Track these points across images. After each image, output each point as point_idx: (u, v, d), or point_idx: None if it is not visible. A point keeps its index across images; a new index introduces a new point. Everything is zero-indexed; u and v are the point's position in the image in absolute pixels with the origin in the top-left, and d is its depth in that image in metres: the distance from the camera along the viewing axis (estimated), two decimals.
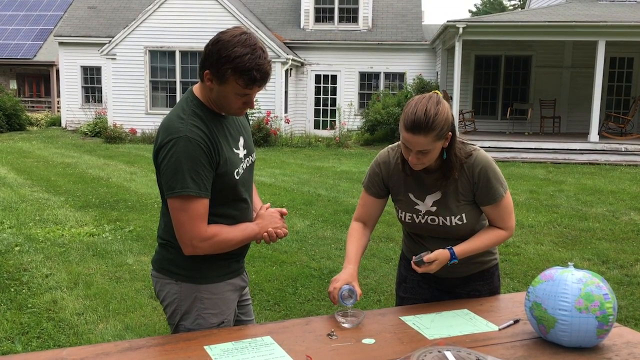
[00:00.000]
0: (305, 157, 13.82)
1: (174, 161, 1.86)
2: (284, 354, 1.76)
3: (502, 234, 2.23)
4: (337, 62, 19.00)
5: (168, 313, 2.08)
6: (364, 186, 2.34)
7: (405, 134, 2.03)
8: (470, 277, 2.35)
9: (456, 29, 13.70)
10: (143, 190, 9.13)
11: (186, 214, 1.89)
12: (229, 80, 1.87)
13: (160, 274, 2.08)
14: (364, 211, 2.34)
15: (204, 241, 1.93)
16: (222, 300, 2.06)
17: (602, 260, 5.69)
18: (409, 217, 2.26)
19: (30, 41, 25.65)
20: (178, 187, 1.87)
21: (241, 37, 1.86)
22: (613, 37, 13.70)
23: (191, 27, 16.41)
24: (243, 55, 1.83)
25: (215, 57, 1.86)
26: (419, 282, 2.39)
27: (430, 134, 1.99)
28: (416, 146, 2.02)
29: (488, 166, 2.16)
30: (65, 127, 20.31)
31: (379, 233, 6.44)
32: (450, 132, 2.07)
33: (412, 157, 2.07)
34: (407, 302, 2.42)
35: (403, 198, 2.26)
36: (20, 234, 6.44)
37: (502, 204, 2.18)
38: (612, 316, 1.79)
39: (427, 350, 1.73)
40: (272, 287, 4.82)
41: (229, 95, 1.92)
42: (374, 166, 2.31)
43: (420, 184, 2.22)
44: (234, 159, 2.01)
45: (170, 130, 1.90)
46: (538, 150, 13.71)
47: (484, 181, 2.15)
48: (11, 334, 3.88)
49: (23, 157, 13.13)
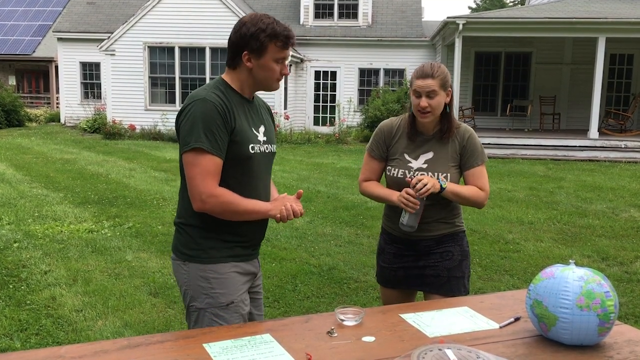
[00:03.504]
0: (305, 154, 13.81)
1: (191, 119, 2.02)
2: (284, 352, 1.75)
3: (481, 193, 2.56)
4: (337, 59, 18.97)
5: (182, 295, 2.19)
6: (368, 150, 2.70)
7: (416, 82, 2.47)
8: (442, 238, 2.60)
9: (456, 25, 13.67)
10: (142, 187, 9.11)
11: (198, 169, 2.01)
12: (268, 47, 2.06)
13: (175, 257, 2.19)
14: (369, 173, 2.70)
15: (212, 197, 2.01)
16: (229, 280, 2.12)
17: (601, 257, 5.69)
18: (401, 173, 2.56)
19: (29, 37, 25.61)
20: (192, 141, 2.00)
21: (261, 14, 2.11)
22: (613, 33, 13.67)
23: (190, 23, 16.37)
24: (270, 24, 2.07)
25: (249, 35, 2.05)
26: (395, 253, 2.67)
27: (437, 79, 2.44)
28: (426, 88, 2.44)
29: (474, 135, 2.61)
30: (65, 123, 20.28)
31: (378, 230, 6.35)
32: (450, 89, 2.51)
33: (423, 101, 2.45)
34: (386, 271, 2.70)
35: (399, 157, 2.59)
36: (19, 230, 6.43)
37: (481, 168, 2.58)
38: (613, 314, 1.78)
39: (428, 349, 1.72)
40: (272, 284, 4.81)
41: (269, 64, 2.09)
42: (377, 131, 2.68)
43: (418, 146, 2.57)
44: (249, 133, 2.12)
45: (192, 96, 2.07)
46: (538, 147, 13.70)
47: (471, 145, 2.56)
48: (10, 330, 3.87)
49: (22, 153, 13.11)
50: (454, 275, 2.60)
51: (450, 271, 2.60)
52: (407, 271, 2.63)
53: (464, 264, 2.64)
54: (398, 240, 2.65)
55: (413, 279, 2.63)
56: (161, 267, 5.19)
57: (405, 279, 2.65)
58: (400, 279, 2.67)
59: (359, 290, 4.72)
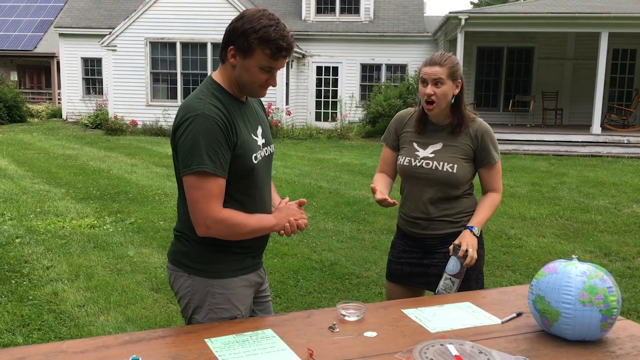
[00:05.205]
0: (307, 149, 13.80)
1: (191, 138, 1.85)
2: (285, 347, 1.75)
3: (496, 197, 2.57)
4: (339, 54, 18.93)
5: (182, 306, 2.07)
6: (383, 140, 2.74)
7: (424, 69, 2.45)
8: (447, 238, 2.54)
9: (458, 20, 13.64)
10: (144, 182, 9.12)
11: (201, 192, 1.86)
12: (255, 51, 1.88)
13: (175, 267, 2.07)
14: (383, 162, 2.73)
15: (218, 222, 1.89)
16: (235, 296, 2.03)
17: (604, 253, 5.68)
18: (407, 161, 2.56)
19: (31, 32, 25.58)
20: (194, 163, 1.85)
21: (265, 12, 1.91)
22: (616, 28, 13.63)
23: (192, 18, 16.35)
24: (268, 26, 1.86)
25: (241, 30, 1.87)
26: (403, 248, 2.67)
27: (444, 67, 2.41)
28: (432, 75, 2.41)
29: (490, 131, 2.54)
30: (66, 119, 20.28)
31: (380, 225, 6.43)
32: (460, 80, 2.46)
33: (429, 88, 2.42)
34: (393, 264, 2.70)
35: (407, 145, 2.60)
36: (21, 226, 6.43)
37: (496, 166, 2.55)
38: (616, 309, 1.77)
39: (430, 344, 1.72)
40: (273, 279, 4.81)
41: (253, 69, 1.91)
42: (391, 121, 2.71)
43: (428, 137, 2.56)
44: (251, 143, 1.99)
45: (188, 109, 1.89)
46: (540, 142, 13.67)
47: (485, 143, 2.51)
48: (12, 326, 3.87)
49: (24, 149, 13.12)
50: (467, 275, 2.49)
51: None
52: (412, 267, 2.62)
53: (477, 264, 2.52)
54: (407, 236, 2.64)
55: (417, 276, 2.61)
56: (163, 263, 5.20)
57: (409, 276, 2.64)
58: (405, 275, 2.65)
59: (360, 286, 4.72)
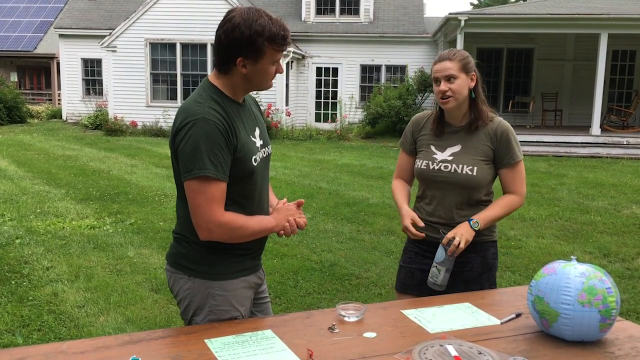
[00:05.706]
0: (306, 150, 13.80)
1: (192, 142, 1.85)
2: (285, 348, 1.75)
3: (515, 200, 2.42)
4: (339, 55, 18.94)
5: (181, 308, 2.07)
6: (400, 144, 2.66)
7: (434, 68, 2.39)
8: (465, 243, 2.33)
9: (458, 21, 13.64)
10: (144, 183, 9.12)
11: (203, 197, 1.87)
12: (267, 51, 1.90)
13: (174, 269, 2.06)
14: (400, 168, 2.66)
15: (220, 226, 1.90)
16: (236, 298, 2.04)
17: (603, 254, 5.68)
18: (425, 164, 2.47)
19: (31, 33, 25.59)
20: (196, 168, 1.85)
21: (250, 12, 1.89)
22: (615, 29, 13.63)
23: (192, 19, 16.36)
24: (267, 24, 1.88)
25: (245, 40, 1.87)
26: (416, 252, 2.56)
27: (454, 61, 2.35)
28: (443, 72, 2.35)
29: (510, 129, 2.43)
30: (66, 120, 20.29)
31: (380, 226, 6.43)
32: (474, 73, 2.40)
33: (443, 85, 2.36)
34: (403, 270, 2.60)
35: (425, 149, 2.51)
36: (21, 227, 6.43)
37: (518, 167, 2.42)
38: (615, 310, 1.78)
39: (429, 344, 1.72)
40: (273, 280, 4.81)
41: (266, 68, 1.95)
42: (407, 125, 2.63)
43: (446, 139, 2.47)
44: (251, 145, 2.00)
45: (188, 113, 1.89)
46: (539, 143, 13.68)
47: (506, 141, 2.40)
48: (12, 326, 3.88)
49: (24, 149, 13.12)
50: (471, 289, 2.40)
51: (467, 284, 2.43)
52: (425, 274, 2.48)
53: (485, 277, 2.46)
54: (421, 240, 2.49)
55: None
56: (163, 264, 5.20)
57: (421, 284, 2.49)
58: (416, 283, 2.52)
59: (360, 287, 4.73)
